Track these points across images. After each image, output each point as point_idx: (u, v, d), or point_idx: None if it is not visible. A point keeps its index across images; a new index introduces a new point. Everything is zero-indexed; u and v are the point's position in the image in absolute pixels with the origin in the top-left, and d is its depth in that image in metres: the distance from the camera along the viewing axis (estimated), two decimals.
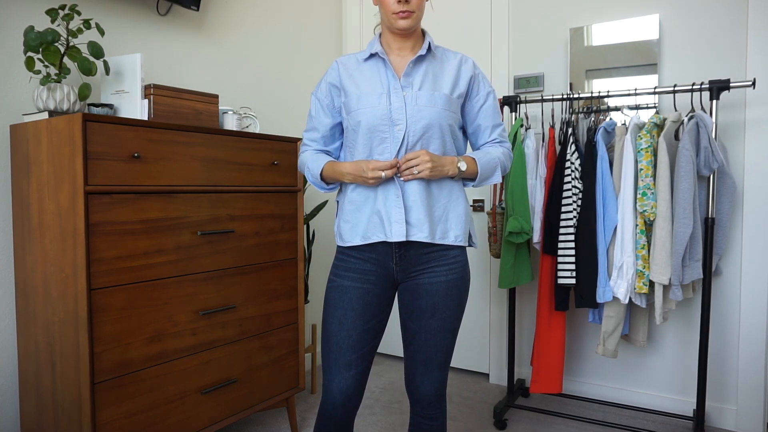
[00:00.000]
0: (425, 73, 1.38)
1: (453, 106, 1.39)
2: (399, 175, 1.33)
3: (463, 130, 1.51)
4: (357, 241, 1.38)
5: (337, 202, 1.50)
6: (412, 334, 1.40)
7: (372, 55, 1.41)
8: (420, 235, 1.34)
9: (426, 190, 1.36)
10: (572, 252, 2.20)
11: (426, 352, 1.39)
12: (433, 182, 1.38)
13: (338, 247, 1.45)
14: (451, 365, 3.07)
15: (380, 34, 1.44)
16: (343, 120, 1.45)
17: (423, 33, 1.45)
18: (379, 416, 2.44)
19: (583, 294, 2.19)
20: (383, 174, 1.29)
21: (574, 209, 2.20)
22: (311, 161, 1.46)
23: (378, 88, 1.37)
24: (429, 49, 1.40)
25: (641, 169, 2.09)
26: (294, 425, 2.25)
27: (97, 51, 1.71)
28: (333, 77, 1.44)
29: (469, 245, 1.48)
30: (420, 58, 1.39)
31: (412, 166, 1.30)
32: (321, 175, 1.44)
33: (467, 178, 1.43)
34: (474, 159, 1.41)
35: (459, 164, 1.37)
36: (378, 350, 3.34)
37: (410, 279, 1.40)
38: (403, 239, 1.33)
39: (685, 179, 2.01)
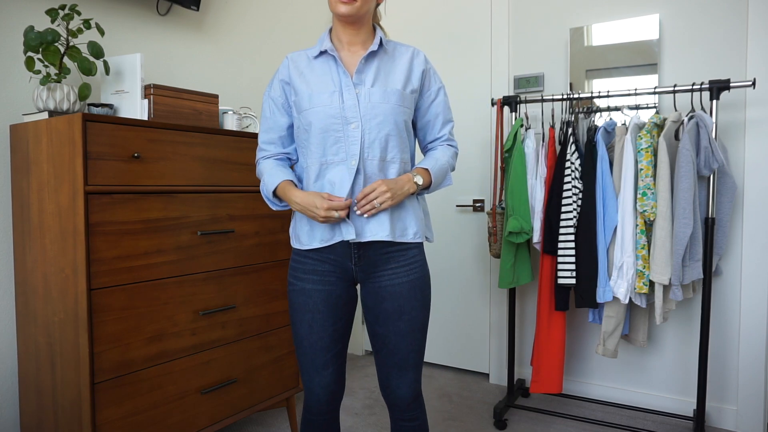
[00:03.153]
0: (377, 70, 1.36)
1: (406, 101, 1.37)
2: (356, 210, 1.30)
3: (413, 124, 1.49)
4: (316, 244, 1.35)
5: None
6: (381, 339, 1.39)
7: (322, 53, 1.38)
8: (381, 234, 1.32)
9: None
10: (572, 252, 2.20)
11: (398, 355, 1.37)
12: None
13: (295, 249, 1.43)
14: (451, 365, 3.07)
15: (331, 28, 1.42)
16: (294, 120, 1.41)
17: (374, 28, 1.42)
18: (379, 416, 2.44)
19: (583, 294, 2.19)
20: (337, 214, 1.26)
21: (574, 209, 2.20)
22: (268, 174, 1.40)
23: (330, 86, 1.34)
24: (380, 44, 1.38)
25: (641, 169, 2.09)
26: (294, 425, 2.25)
27: (97, 51, 1.71)
28: (284, 74, 1.40)
29: (426, 240, 1.47)
30: (371, 54, 1.37)
31: (373, 200, 1.28)
32: (274, 192, 1.38)
33: (423, 188, 1.41)
34: (427, 169, 1.39)
35: (415, 179, 1.35)
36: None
37: (370, 281, 1.38)
38: (353, 237, 1.30)
39: (685, 179, 2.01)
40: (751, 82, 1.98)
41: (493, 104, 2.54)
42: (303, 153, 1.39)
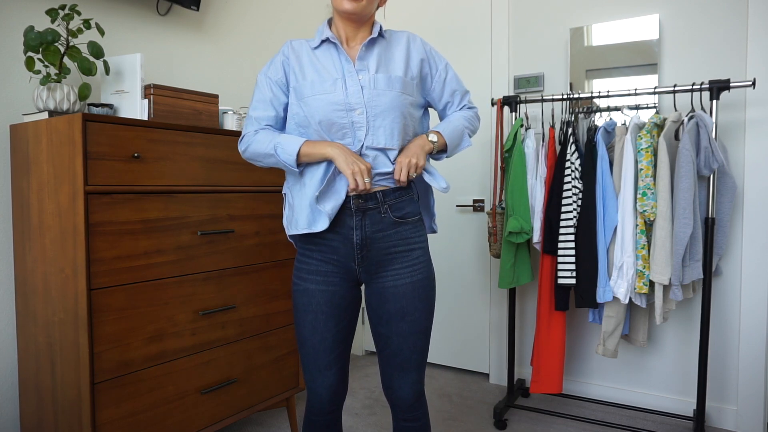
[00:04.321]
0: (379, 56, 1.36)
1: (408, 88, 1.36)
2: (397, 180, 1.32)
3: (425, 108, 1.49)
4: (319, 227, 1.31)
5: (284, 194, 1.43)
6: (384, 339, 1.39)
7: (323, 42, 1.37)
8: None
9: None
10: (572, 252, 2.20)
11: (401, 356, 1.37)
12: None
13: (299, 249, 1.41)
14: (451, 365, 3.07)
15: (330, 21, 1.41)
16: (291, 105, 1.36)
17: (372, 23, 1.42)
18: (379, 416, 2.44)
19: (583, 294, 2.19)
20: (367, 179, 1.26)
21: (574, 209, 2.20)
22: (282, 137, 1.32)
23: (333, 73, 1.32)
24: (380, 33, 1.38)
25: (641, 169, 2.09)
26: (294, 425, 2.25)
27: (97, 51, 1.71)
28: (285, 57, 1.38)
29: (432, 231, 1.49)
30: (372, 41, 1.36)
31: (408, 172, 1.30)
32: (298, 154, 1.29)
33: (440, 151, 1.41)
34: (439, 132, 1.40)
35: (429, 137, 1.37)
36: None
37: (374, 281, 1.37)
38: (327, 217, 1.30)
39: (685, 179, 2.01)
40: (751, 82, 1.98)
41: (493, 104, 2.54)
42: None
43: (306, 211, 1.33)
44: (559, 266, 2.23)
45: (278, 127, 1.40)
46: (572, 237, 2.20)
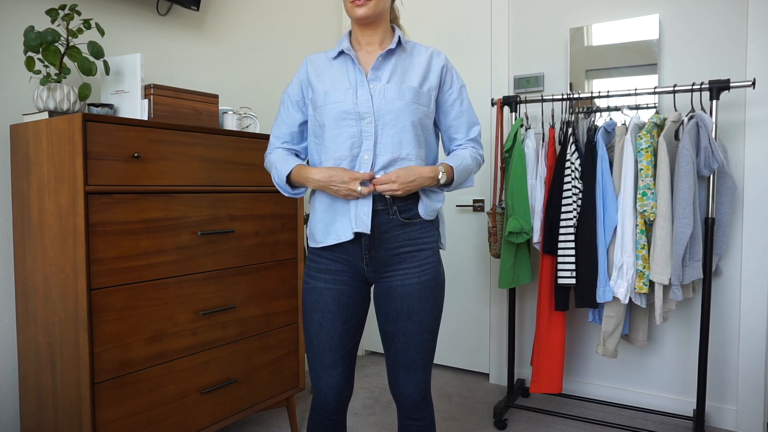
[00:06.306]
0: (394, 67, 1.37)
1: (423, 99, 1.37)
2: (373, 185, 1.31)
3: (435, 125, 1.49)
4: (330, 241, 1.36)
5: (311, 203, 1.48)
6: (390, 337, 1.40)
7: (341, 53, 1.40)
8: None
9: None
10: (572, 252, 2.20)
11: (406, 355, 1.38)
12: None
13: (310, 248, 1.44)
14: (451, 365, 3.07)
15: (350, 31, 1.44)
16: (309, 118, 1.43)
17: (393, 28, 1.44)
18: (379, 416, 2.44)
19: (583, 294, 2.19)
20: (360, 189, 1.28)
21: (574, 209, 2.20)
22: (280, 162, 1.42)
23: (345, 83, 1.36)
24: (399, 43, 1.40)
25: (641, 169, 2.09)
26: (294, 425, 2.25)
27: (97, 51, 1.71)
28: (303, 74, 1.44)
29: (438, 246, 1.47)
30: (389, 52, 1.38)
31: (385, 188, 1.30)
32: (288, 177, 1.40)
33: (443, 185, 1.41)
34: (451, 167, 1.39)
35: (440, 177, 1.35)
36: (377, 350, 3.34)
37: (383, 280, 1.39)
38: (367, 230, 1.31)
39: (685, 179, 2.01)
40: (751, 82, 1.99)
41: (493, 104, 2.54)
42: (317, 150, 1.40)
43: (320, 225, 1.40)
44: (559, 266, 2.23)
45: (295, 142, 1.48)
46: (572, 237, 2.20)
